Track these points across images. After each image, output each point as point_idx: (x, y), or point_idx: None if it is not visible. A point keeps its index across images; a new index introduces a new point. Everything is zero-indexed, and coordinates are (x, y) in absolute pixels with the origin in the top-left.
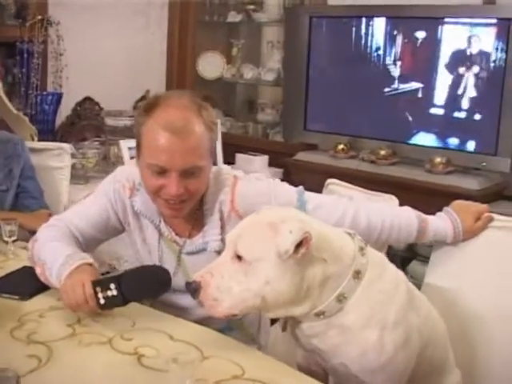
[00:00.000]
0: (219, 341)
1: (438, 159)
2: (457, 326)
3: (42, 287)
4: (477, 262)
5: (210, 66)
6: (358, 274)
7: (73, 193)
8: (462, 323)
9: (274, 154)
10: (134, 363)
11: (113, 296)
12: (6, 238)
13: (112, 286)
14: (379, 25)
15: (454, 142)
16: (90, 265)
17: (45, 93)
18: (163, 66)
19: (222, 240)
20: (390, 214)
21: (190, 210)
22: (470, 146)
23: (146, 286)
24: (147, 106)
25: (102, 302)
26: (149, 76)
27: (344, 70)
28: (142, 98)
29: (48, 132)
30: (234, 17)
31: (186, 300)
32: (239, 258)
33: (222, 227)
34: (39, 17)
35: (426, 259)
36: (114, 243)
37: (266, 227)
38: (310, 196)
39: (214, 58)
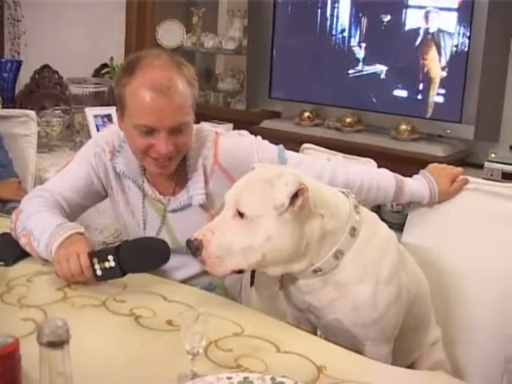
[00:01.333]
0: (213, 300)
1: (403, 126)
2: (434, 284)
3: (24, 252)
4: (452, 223)
5: (170, 34)
6: (353, 231)
7: (37, 161)
8: (438, 281)
9: (238, 122)
10: (133, 324)
11: (110, 267)
12: None
13: (110, 257)
14: None
15: (418, 109)
16: (81, 234)
17: (3, 60)
18: (122, 34)
19: (206, 194)
20: (368, 173)
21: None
22: (435, 113)
23: (145, 258)
24: (128, 66)
25: (99, 273)
26: (107, 44)
27: (309, 38)
28: (103, 66)
29: (8, 100)
30: None
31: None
32: (241, 215)
33: (206, 181)
34: None
35: (391, 225)
36: None
37: (264, 183)
38: (289, 154)
39: (174, 26)
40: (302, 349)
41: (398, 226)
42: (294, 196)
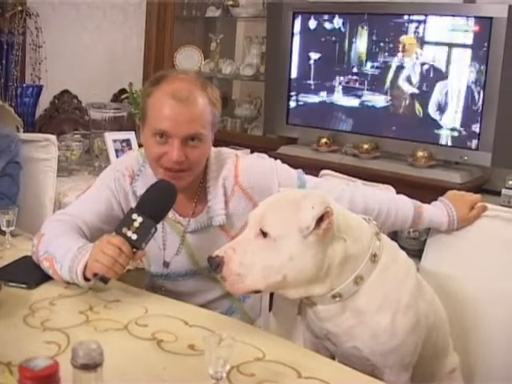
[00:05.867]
0: (234, 324)
1: (420, 153)
2: (452, 311)
3: (47, 275)
4: (471, 249)
5: (188, 60)
6: (374, 257)
7: (56, 185)
8: (456, 308)
9: (255, 148)
10: (155, 348)
11: (141, 224)
12: (3, 228)
13: (134, 215)
14: (360, 21)
15: (435, 136)
16: None
17: (25, 85)
18: (141, 60)
19: (226, 215)
20: (386, 199)
21: (193, 189)
22: (452, 140)
23: (162, 199)
24: (154, 79)
25: (135, 237)
26: (126, 70)
27: (327, 65)
28: (121, 91)
29: (28, 124)
30: (212, 12)
31: (187, 285)
32: (264, 234)
33: (226, 202)
34: (19, 8)
35: (408, 251)
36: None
37: (290, 204)
38: (308, 177)
39: (192, 52)
40: (323, 374)
41: (415, 253)
42: (320, 219)
